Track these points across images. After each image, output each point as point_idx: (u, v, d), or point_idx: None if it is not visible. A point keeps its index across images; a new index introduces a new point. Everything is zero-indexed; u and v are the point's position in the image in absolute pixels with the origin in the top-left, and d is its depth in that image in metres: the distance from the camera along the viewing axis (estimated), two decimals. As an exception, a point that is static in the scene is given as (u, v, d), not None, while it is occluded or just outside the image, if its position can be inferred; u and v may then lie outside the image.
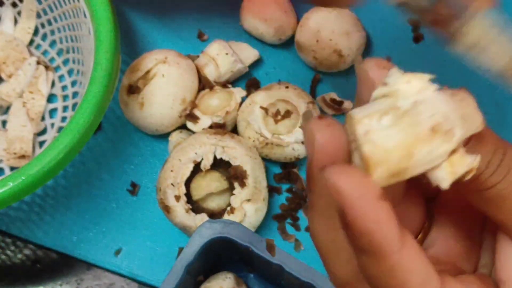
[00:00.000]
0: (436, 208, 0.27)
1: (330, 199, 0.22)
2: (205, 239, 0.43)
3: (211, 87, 0.54)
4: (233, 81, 0.56)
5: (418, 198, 0.26)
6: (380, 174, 0.20)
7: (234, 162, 0.49)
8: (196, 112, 0.53)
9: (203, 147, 0.49)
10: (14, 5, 0.57)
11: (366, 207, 0.20)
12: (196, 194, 0.50)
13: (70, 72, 0.57)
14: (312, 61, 0.55)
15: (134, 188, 0.54)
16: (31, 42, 0.57)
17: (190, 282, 0.47)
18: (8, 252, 0.53)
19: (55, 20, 0.56)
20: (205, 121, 0.52)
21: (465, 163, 0.20)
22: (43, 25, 0.57)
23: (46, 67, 0.56)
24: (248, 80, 0.57)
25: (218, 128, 0.52)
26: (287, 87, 0.53)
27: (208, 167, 0.49)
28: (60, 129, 0.55)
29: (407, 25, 0.59)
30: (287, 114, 0.52)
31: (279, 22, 0.55)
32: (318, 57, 0.55)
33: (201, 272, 0.49)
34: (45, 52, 0.58)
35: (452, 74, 0.58)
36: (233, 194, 0.49)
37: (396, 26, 0.59)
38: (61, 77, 0.57)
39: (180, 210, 0.49)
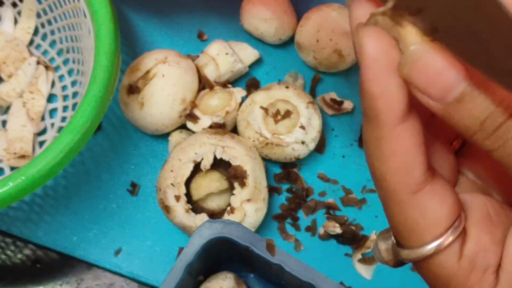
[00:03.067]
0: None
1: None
2: (205, 239, 0.43)
3: (211, 87, 0.54)
4: (233, 81, 0.56)
5: (447, 149, 0.26)
6: None
7: (234, 162, 0.49)
8: (196, 112, 0.53)
9: (203, 147, 0.49)
10: (14, 5, 0.57)
11: (380, 72, 0.21)
12: (196, 194, 0.50)
13: (70, 72, 0.57)
14: (312, 61, 0.55)
15: (134, 188, 0.54)
16: (31, 42, 0.57)
17: (190, 282, 0.47)
18: (8, 252, 0.53)
19: (55, 20, 0.56)
20: (205, 121, 0.52)
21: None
22: (43, 25, 0.57)
23: (46, 67, 0.56)
24: (248, 80, 0.57)
25: (218, 128, 0.52)
26: (287, 87, 0.53)
27: (208, 167, 0.49)
28: (60, 129, 0.55)
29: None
30: (287, 114, 0.52)
31: (279, 22, 0.55)
32: (318, 57, 0.55)
33: (201, 272, 0.49)
34: (45, 52, 0.58)
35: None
36: (233, 194, 0.49)
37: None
38: (61, 77, 0.57)
39: (180, 210, 0.49)
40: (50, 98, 0.56)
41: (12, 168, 0.53)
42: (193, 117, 0.53)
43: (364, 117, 0.22)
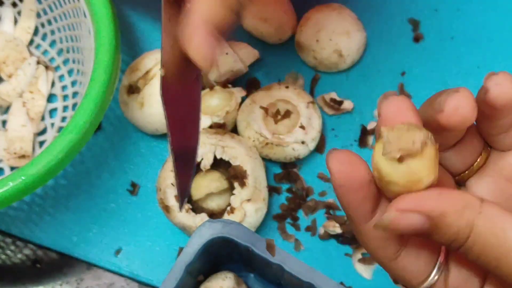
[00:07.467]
0: None
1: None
2: (205, 239, 0.43)
3: (211, 87, 0.54)
4: (233, 81, 0.56)
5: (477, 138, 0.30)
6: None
7: (234, 162, 0.49)
8: (196, 112, 0.53)
9: (203, 147, 0.49)
10: (14, 5, 0.57)
11: (344, 192, 0.27)
12: (196, 194, 0.50)
13: (70, 72, 0.57)
14: (312, 61, 0.55)
15: (134, 188, 0.54)
16: (31, 42, 0.58)
17: (190, 282, 0.47)
18: (8, 252, 0.53)
19: (55, 20, 0.56)
20: (205, 121, 0.52)
21: None
22: (43, 25, 0.57)
23: (46, 67, 0.56)
24: (248, 80, 0.57)
25: (218, 128, 0.52)
26: (287, 87, 0.53)
27: (208, 167, 0.49)
28: (60, 129, 0.55)
29: (407, 25, 0.59)
30: (287, 114, 0.52)
31: (279, 22, 0.55)
32: (318, 57, 0.55)
33: (201, 272, 0.49)
34: (45, 52, 0.58)
35: (451, 74, 0.58)
36: (233, 194, 0.49)
37: (396, 26, 0.59)
38: (61, 77, 0.57)
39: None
40: (50, 98, 0.56)
41: (12, 168, 0.53)
42: (193, 117, 0.53)
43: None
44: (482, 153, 0.29)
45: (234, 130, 0.54)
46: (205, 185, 0.50)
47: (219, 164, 0.50)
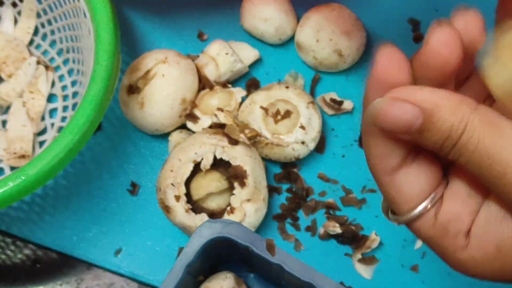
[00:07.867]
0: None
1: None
2: (205, 239, 0.43)
3: (211, 87, 0.54)
4: (233, 81, 0.56)
5: None
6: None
7: (234, 162, 0.49)
8: (196, 112, 0.53)
9: (203, 147, 0.49)
10: (14, 5, 0.57)
11: (370, 88, 0.26)
12: (196, 194, 0.50)
13: (70, 72, 0.57)
14: (312, 61, 0.55)
15: (134, 188, 0.54)
16: (31, 42, 0.57)
17: (190, 282, 0.47)
18: (8, 252, 0.53)
19: (55, 20, 0.56)
20: (205, 121, 0.52)
21: None
22: (43, 25, 0.57)
23: (46, 67, 0.56)
24: (248, 80, 0.57)
25: (218, 128, 0.52)
26: (287, 87, 0.53)
27: (208, 167, 0.49)
28: (60, 129, 0.55)
29: (407, 25, 0.59)
30: (287, 114, 0.52)
31: (279, 22, 0.55)
32: (318, 57, 0.55)
33: (201, 272, 0.49)
34: (45, 52, 0.58)
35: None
36: (233, 194, 0.49)
37: (396, 26, 0.59)
38: (61, 77, 0.57)
39: (180, 210, 0.49)
40: (50, 98, 0.56)
41: (12, 168, 0.53)
42: (193, 117, 0.53)
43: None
44: None
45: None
46: (205, 185, 0.50)
47: (219, 164, 0.50)
